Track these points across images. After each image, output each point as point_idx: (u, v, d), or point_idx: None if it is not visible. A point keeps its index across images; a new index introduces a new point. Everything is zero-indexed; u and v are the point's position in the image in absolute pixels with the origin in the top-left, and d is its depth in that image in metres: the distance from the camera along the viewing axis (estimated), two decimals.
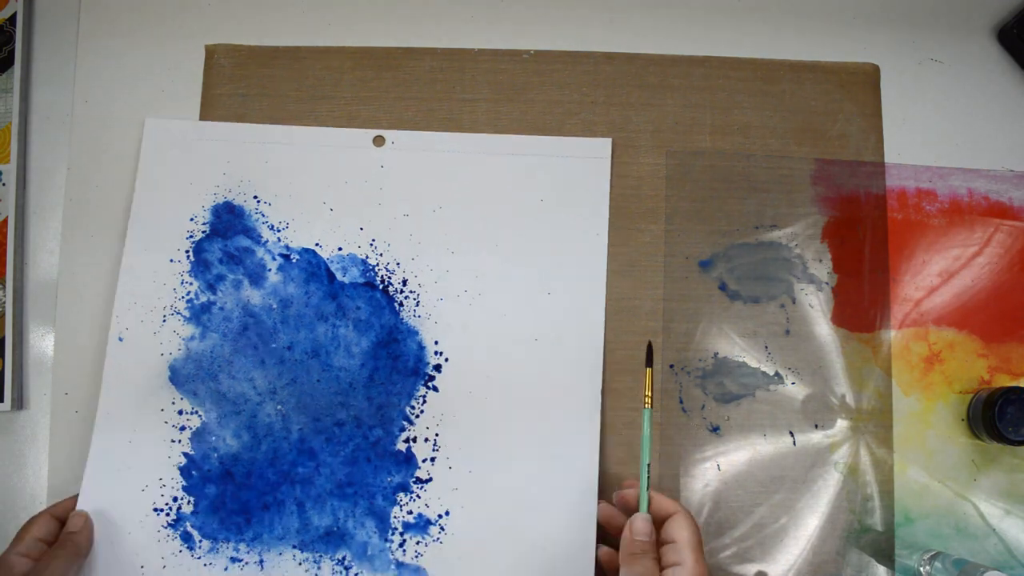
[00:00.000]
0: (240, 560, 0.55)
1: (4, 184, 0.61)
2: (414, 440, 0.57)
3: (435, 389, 0.58)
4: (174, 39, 0.63)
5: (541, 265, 0.59)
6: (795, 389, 0.60)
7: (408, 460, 0.57)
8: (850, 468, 0.59)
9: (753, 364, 0.60)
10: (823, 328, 0.60)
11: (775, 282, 0.61)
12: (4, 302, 0.60)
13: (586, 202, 0.60)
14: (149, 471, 0.56)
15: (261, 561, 0.55)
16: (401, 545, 0.56)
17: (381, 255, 0.59)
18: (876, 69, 0.64)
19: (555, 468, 0.57)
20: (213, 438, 0.57)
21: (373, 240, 0.60)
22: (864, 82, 0.63)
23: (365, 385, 0.58)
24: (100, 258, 0.60)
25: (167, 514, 0.56)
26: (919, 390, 0.60)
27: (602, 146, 0.61)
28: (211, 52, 0.63)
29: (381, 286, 0.59)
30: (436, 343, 0.58)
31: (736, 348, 0.60)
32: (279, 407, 0.57)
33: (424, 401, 0.58)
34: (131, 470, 0.56)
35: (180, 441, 0.57)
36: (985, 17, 0.65)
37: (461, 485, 0.57)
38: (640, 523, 0.49)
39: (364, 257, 0.59)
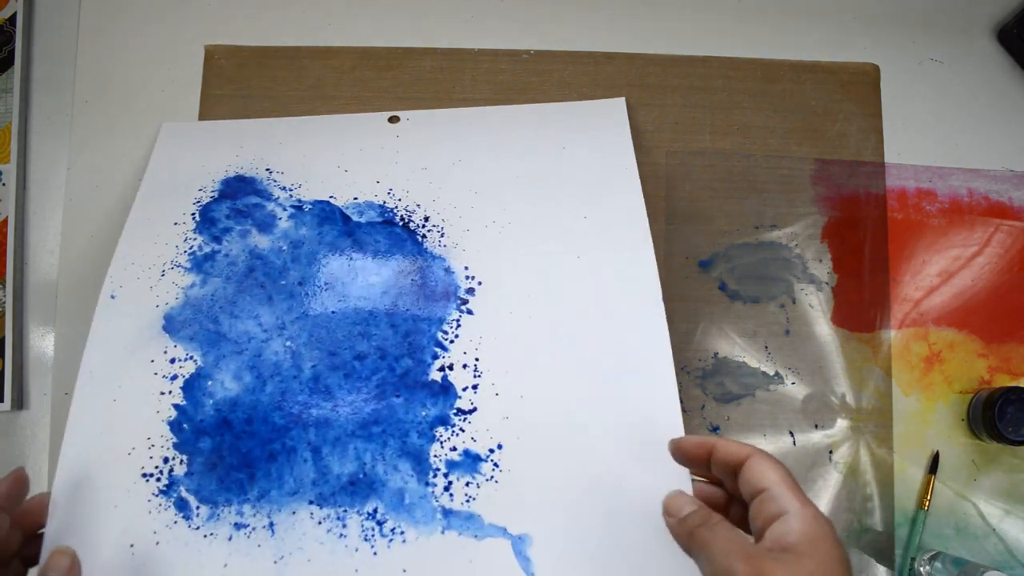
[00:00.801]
0: (246, 525, 0.45)
1: (4, 184, 0.61)
2: (450, 367, 0.49)
3: (470, 312, 0.51)
4: (174, 39, 0.63)
5: (573, 194, 0.55)
6: (795, 389, 0.60)
7: (445, 390, 0.49)
8: (850, 468, 0.59)
9: (753, 364, 0.60)
10: (823, 328, 0.60)
11: (775, 282, 0.61)
12: (4, 302, 0.60)
13: (609, 143, 0.57)
14: (135, 432, 0.47)
15: (271, 524, 0.46)
16: (447, 488, 0.46)
17: (399, 200, 0.55)
18: (876, 69, 0.64)
19: (622, 383, 0.48)
20: (208, 383, 0.49)
21: (391, 189, 0.56)
22: (864, 82, 0.63)
23: (388, 312, 0.51)
24: (100, 258, 0.60)
25: (157, 479, 0.47)
26: (919, 390, 0.60)
27: (616, 105, 0.60)
28: (211, 52, 0.63)
29: (401, 224, 0.54)
30: (466, 268, 0.53)
31: (736, 348, 0.60)
32: (288, 343, 0.50)
33: (458, 325, 0.51)
34: (115, 434, 0.47)
35: (171, 392, 0.49)
36: (985, 17, 0.65)
37: (512, 413, 0.48)
38: (675, 499, 0.38)
39: (381, 203, 0.55)
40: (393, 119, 0.60)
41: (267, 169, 0.58)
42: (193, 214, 0.55)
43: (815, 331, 0.60)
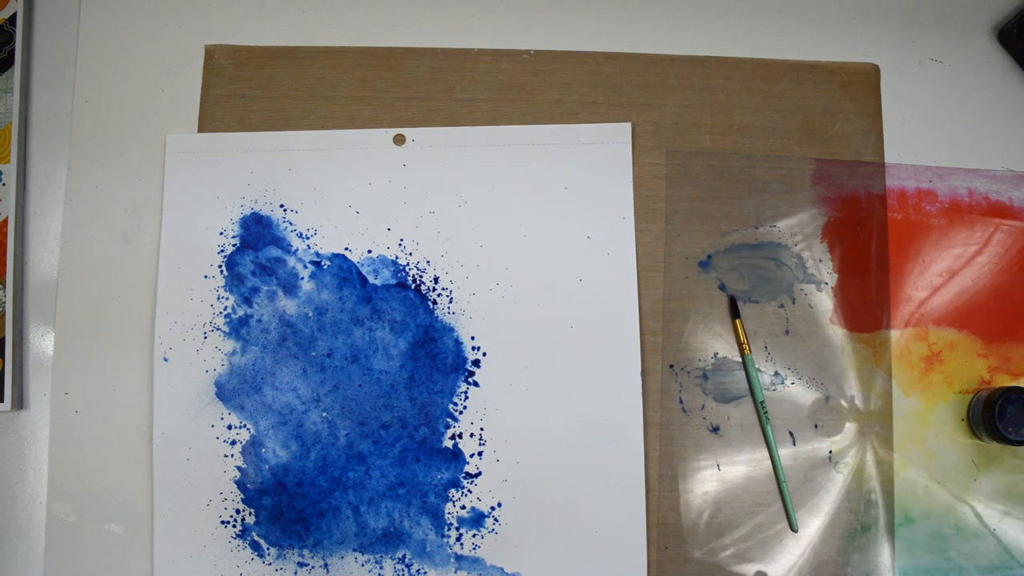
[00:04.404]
0: (307, 564, 0.57)
1: (4, 184, 0.61)
2: (460, 436, 0.58)
3: (475, 384, 0.59)
4: (174, 39, 0.63)
5: (570, 252, 0.60)
6: (795, 389, 0.60)
7: (456, 456, 0.58)
8: (850, 468, 0.59)
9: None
10: (823, 328, 0.60)
11: (775, 282, 0.61)
12: (4, 302, 0.60)
13: (610, 186, 0.60)
14: (209, 487, 0.58)
15: (326, 565, 0.57)
16: (458, 539, 0.58)
17: (411, 254, 0.60)
18: (876, 69, 0.64)
19: (601, 452, 0.58)
20: (263, 450, 0.58)
21: (401, 240, 0.60)
22: (864, 82, 0.63)
23: (406, 386, 0.59)
24: (100, 258, 0.60)
25: (233, 526, 0.58)
26: (919, 390, 0.60)
27: (622, 131, 0.61)
28: (211, 53, 0.63)
29: (413, 285, 0.60)
30: (472, 338, 0.59)
31: (736, 348, 0.60)
32: (324, 414, 0.58)
33: (466, 397, 0.59)
34: (193, 487, 0.57)
35: (232, 455, 0.58)
36: (985, 17, 0.65)
37: (510, 476, 0.58)
38: None
39: (394, 258, 0.60)
40: (399, 139, 0.61)
41: (281, 206, 0.60)
42: (220, 266, 0.60)
43: (815, 331, 0.60)
